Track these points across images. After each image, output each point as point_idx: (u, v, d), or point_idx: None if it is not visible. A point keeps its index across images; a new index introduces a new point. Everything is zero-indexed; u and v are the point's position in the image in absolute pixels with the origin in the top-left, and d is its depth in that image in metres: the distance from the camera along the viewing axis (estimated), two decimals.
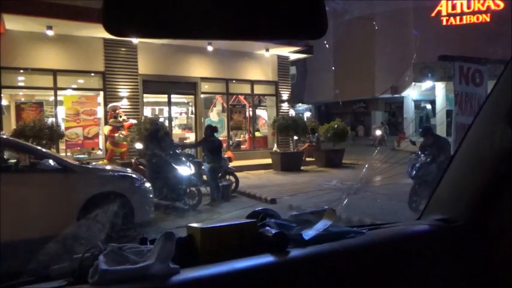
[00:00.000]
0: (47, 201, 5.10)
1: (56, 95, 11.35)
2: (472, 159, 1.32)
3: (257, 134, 15.23)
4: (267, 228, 1.13)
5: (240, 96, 14.98)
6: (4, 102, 11.20)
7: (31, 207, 4.93)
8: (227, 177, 8.62)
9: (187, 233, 1.11)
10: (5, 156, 7.16)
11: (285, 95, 15.25)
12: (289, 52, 14.76)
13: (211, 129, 8.32)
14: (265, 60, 14.46)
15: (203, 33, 0.66)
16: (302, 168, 12.48)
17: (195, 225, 1.12)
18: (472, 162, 1.32)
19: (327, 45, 21.64)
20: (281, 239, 1.05)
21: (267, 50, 13.77)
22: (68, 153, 11.00)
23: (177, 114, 15.20)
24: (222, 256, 0.99)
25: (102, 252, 0.92)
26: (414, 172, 6.77)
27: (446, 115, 17.59)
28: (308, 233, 1.11)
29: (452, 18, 21.58)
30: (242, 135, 15.01)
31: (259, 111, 15.74)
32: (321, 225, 1.17)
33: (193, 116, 14.23)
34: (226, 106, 14.55)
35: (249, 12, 0.65)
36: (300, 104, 28.91)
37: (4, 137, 6.97)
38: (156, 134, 8.02)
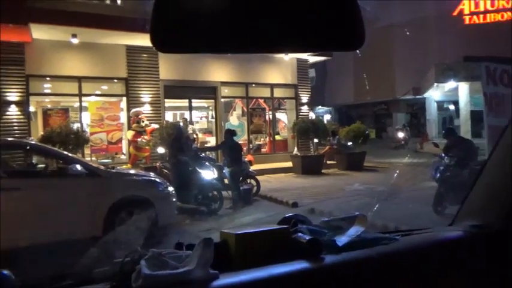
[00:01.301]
0: (74, 205, 5.23)
1: (80, 101, 11.66)
2: (508, 163, 1.30)
3: (277, 137, 15.23)
4: (300, 234, 1.14)
5: (259, 99, 15.03)
6: (32, 109, 11.57)
7: (59, 211, 5.06)
8: (248, 180, 8.65)
9: (220, 239, 1.13)
10: (34, 161, 7.42)
11: (304, 98, 15.22)
12: (309, 55, 14.72)
13: (230, 133, 8.40)
14: (284, 63, 14.48)
15: (245, 48, 0.68)
16: (323, 171, 12.40)
17: (228, 230, 1.14)
18: (507, 166, 1.30)
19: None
20: (315, 246, 1.05)
21: (286, 53, 13.78)
22: (93, 158, 11.27)
23: (197, 119, 15.37)
24: (255, 262, 1.01)
25: (142, 257, 0.95)
26: (438, 175, 6.64)
27: (471, 116, 17.18)
28: (341, 240, 1.11)
29: (475, 17, 21.09)
30: (262, 139, 15.04)
31: (279, 115, 15.75)
32: (353, 231, 1.18)
33: (213, 120, 14.36)
34: (246, 110, 14.62)
35: (289, 25, 0.67)
36: (319, 107, 28.73)
37: (33, 142, 7.20)
38: (179, 138, 8.11)
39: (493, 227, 1.24)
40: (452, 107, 23.16)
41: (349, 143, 13.45)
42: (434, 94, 21.10)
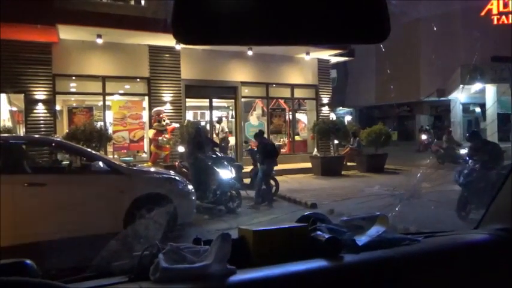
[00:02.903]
0: (96, 201, 5.33)
1: (104, 100, 11.91)
2: None
3: (297, 137, 15.16)
4: (319, 232, 1.12)
5: (280, 100, 15.00)
6: (58, 107, 11.89)
7: (82, 207, 5.17)
8: None
9: (238, 235, 1.13)
10: (58, 158, 7.62)
11: (325, 99, 15.09)
12: (330, 55, 14.59)
13: (259, 133, 8.67)
14: (305, 63, 14.39)
15: (267, 40, 0.67)
16: (343, 173, 12.26)
17: (246, 227, 1.13)
18: None
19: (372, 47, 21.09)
20: (334, 244, 1.04)
21: (308, 53, 13.69)
22: (115, 156, 11.49)
23: (217, 118, 15.45)
24: (273, 259, 1.00)
25: (160, 251, 0.95)
26: (462, 178, 6.46)
27: (498, 119, 16.64)
28: (361, 239, 1.09)
29: (504, 17, 20.39)
30: (282, 139, 14.99)
31: (299, 115, 15.67)
32: (374, 231, 1.15)
33: (233, 119, 14.41)
34: (266, 110, 14.61)
35: (313, 16, 0.65)
36: (340, 108, 28.39)
37: (58, 139, 7.40)
38: (198, 137, 8.19)
39: None
40: (478, 109, 22.51)
41: None
42: (460, 96, 20.54)
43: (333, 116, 15.64)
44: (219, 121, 13.06)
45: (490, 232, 1.23)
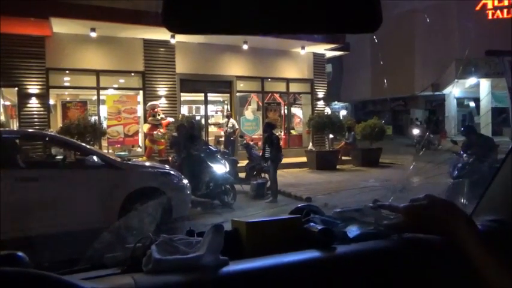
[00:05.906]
0: (90, 196, 5.33)
1: (98, 95, 11.84)
2: None
3: (292, 132, 15.19)
4: (312, 224, 1.13)
5: (275, 94, 14.99)
6: (51, 102, 11.80)
7: (76, 201, 5.16)
8: (262, 175, 8.66)
9: (232, 227, 1.13)
10: (52, 153, 7.58)
11: (320, 93, 15.10)
12: (325, 49, 14.58)
13: (267, 125, 8.75)
14: (300, 58, 14.38)
15: (258, 29, 0.66)
16: (338, 167, 12.31)
17: (240, 219, 1.13)
18: None
19: (365, 40, 21.10)
20: (327, 235, 1.04)
21: (303, 47, 13.67)
22: (110, 150, 11.44)
23: (212, 113, 15.43)
24: (266, 250, 1.00)
25: (153, 243, 0.95)
26: (456, 172, 6.52)
27: (492, 113, 16.77)
28: (353, 230, 1.10)
29: (499, 12, 20.48)
30: (277, 134, 14.99)
31: (294, 110, 15.68)
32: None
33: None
34: (261, 104, 14.61)
35: (304, 6, 0.65)
36: (336, 102, 28.47)
37: (52, 134, 7.35)
38: (191, 132, 8.18)
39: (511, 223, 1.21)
40: (472, 103, 22.67)
41: None
42: (454, 90, 20.68)
43: (328, 111, 15.67)
44: (228, 116, 12.85)
45: (482, 223, 1.24)
